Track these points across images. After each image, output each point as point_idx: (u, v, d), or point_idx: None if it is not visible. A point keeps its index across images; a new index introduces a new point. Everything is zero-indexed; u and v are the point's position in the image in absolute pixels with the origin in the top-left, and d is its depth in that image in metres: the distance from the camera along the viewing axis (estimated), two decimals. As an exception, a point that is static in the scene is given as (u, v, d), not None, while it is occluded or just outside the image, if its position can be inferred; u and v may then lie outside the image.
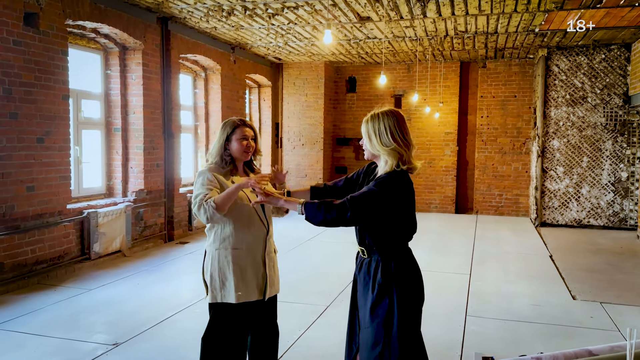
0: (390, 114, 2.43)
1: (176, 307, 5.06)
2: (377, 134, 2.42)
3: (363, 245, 2.54)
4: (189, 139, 9.56)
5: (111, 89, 7.50)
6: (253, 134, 2.99)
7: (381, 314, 2.40)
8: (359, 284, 2.57)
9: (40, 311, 4.87)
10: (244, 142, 2.94)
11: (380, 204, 2.34)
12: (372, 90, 12.45)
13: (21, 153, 5.57)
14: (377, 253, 2.47)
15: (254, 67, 11.19)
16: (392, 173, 2.40)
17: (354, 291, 2.65)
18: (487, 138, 11.59)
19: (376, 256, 2.48)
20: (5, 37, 5.33)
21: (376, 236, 2.46)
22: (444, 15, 7.53)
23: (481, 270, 6.65)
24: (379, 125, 2.42)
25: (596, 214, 10.04)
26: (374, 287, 2.44)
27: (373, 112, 2.47)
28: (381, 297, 2.42)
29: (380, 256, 2.46)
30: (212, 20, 8.04)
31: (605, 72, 9.86)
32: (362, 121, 2.51)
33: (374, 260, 2.48)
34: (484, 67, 11.53)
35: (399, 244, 2.49)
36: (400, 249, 2.50)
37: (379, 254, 2.47)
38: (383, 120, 2.42)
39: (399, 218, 2.44)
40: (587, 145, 10.03)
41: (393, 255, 2.47)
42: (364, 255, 2.54)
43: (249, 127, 2.98)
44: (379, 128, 2.42)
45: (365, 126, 2.48)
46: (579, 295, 5.63)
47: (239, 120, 2.98)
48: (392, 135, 2.40)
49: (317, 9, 7.30)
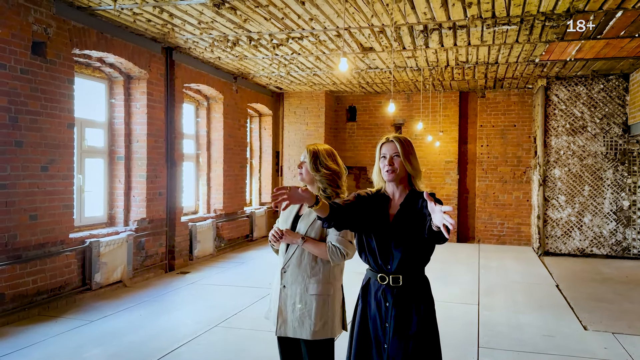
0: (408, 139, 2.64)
1: (181, 339, 4.94)
2: (414, 156, 2.61)
3: (400, 272, 2.50)
4: (190, 168, 9.54)
5: (115, 117, 7.49)
6: (305, 157, 3.05)
7: (428, 344, 2.48)
8: (387, 316, 2.50)
9: (41, 343, 4.74)
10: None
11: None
12: (372, 119, 12.52)
13: (25, 181, 5.51)
14: (414, 278, 2.52)
15: (256, 97, 11.25)
16: (419, 193, 2.56)
17: (373, 326, 2.56)
18: (487, 167, 11.62)
19: (414, 280, 2.52)
20: (13, 65, 5.33)
21: (420, 260, 2.53)
22: (446, 46, 7.62)
23: (489, 300, 6.56)
24: (412, 148, 2.61)
25: (599, 242, 10.00)
26: (418, 314, 2.47)
27: (401, 135, 2.60)
28: (425, 327, 2.47)
29: (420, 282, 2.54)
30: (217, 51, 8.10)
31: (604, 101, 9.96)
32: (394, 140, 2.58)
33: (411, 286, 2.51)
34: (483, 97, 11.64)
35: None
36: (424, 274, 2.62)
37: (418, 279, 2.54)
38: (410, 144, 2.61)
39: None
40: (588, 174, 10.06)
41: (426, 280, 2.58)
42: (397, 283, 2.51)
43: (307, 151, 3.07)
44: (412, 150, 2.61)
45: (401, 147, 2.57)
46: (590, 325, 5.55)
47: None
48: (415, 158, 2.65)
49: (321, 40, 7.38)
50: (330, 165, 2.95)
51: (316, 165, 2.93)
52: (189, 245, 8.66)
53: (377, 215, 2.59)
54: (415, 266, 2.52)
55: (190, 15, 6.33)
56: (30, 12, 5.49)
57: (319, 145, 3.01)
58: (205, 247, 9.07)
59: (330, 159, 2.96)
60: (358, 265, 2.93)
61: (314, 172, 2.94)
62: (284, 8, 6.03)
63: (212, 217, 9.64)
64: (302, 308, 2.81)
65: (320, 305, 2.81)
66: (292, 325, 2.83)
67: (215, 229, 9.49)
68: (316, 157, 2.94)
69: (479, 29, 6.74)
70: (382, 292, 2.54)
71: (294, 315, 2.83)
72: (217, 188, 9.94)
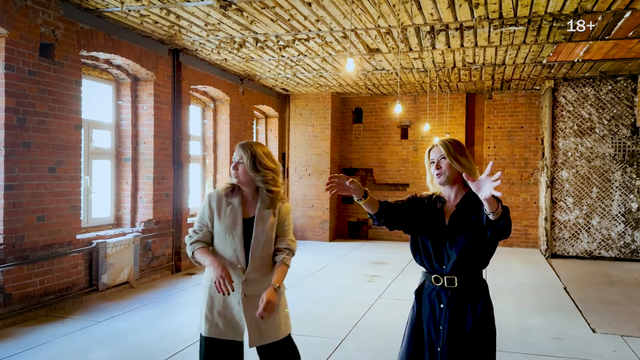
0: (458, 140, 2.63)
1: (187, 340, 4.94)
2: (462, 154, 2.53)
3: (455, 274, 2.48)
4: (197, 169, 9.56)
5: (122, 119, 7.52)
6: (240, 156, 2.85)
7: (482, 349, 2.45)
8: (441, 318, 2.48)
9: (48, 344, 4.75)
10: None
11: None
12: (378, 121, 12.50)
13: (33, 182, 5.53)
14: (471, 281, 2.50)
15: (262, 98, 11.27)
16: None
17: (427, 328, 2.54)
18: (494, 168, 11.54)
19: (470, 282, 2.49)
20: (21, 67, 5.36)
21: (477, 262, 2.50)
22: (453, 47, 7.60)
23: (496, 303, 6.47)
24: (462, 148, 2.56)
25: (607, 245, 9.93)
26: (474, 316, 2.44)
27: (447, 138, 2.60)
28: (480, 331, 2.44)
29: (476, 284, 2.51)
30: (223, 52, 8.12)
31: (612, 103, 9.89)
32: (438, 144, 2.56)
33: (467, 288, 2.49)
34: (489, 98, 11.60)
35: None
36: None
37: (474, 281, 2.51)
38: (461, 144, 2.59)
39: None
40: (596, 175, 9.99)
41: (483, 282, 2.56)
42: (452, 284, 2.49)
43: (239, 148, 2.89)
44: (462, 150, 2.55)
45: (446, 148, 2.54)
46: (598, 328, 5.50)
47: (254, 141, 3.03)
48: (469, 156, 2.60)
49: (327, 41, 7.37)
50: (269, 165, 2.84)
51: (256, 166, 2.80)
52: (195, 246, 8.65)
53: (432, 217, 2.58)
54: (471, 268, 2.48)
55: (196, 17, 6.34)
56: (38, 14, 5.52)
57: (254, 144, 2.87)
58: (211, 248, 9.06)
59: (267, 158, 2.84)
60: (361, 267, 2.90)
61: (254, 173, 2.81)
62: (291, 9, 6.03)
63: (219, 219, 9.63)
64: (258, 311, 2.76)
65: (281, 301, 2.88)
66: (269, 332, 2.82)
67: (221, 230, 9.48)
68: (254, 158, 2.80)
69: (486, 29, 6.71)
70: (436, 293, 2.52)
71: (267, 322, 2.80)
72: (223, 189, 9.92)
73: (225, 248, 2.83)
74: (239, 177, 2.85)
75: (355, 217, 12.71)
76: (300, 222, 12.23)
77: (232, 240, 2.81)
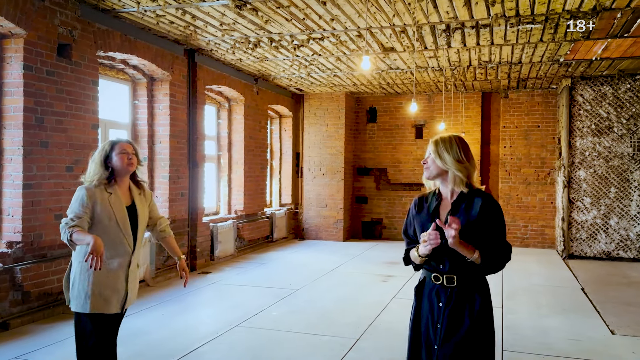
0: (457, 137, 2.57)
1: (202, 338, 4.96)
2: (448, 152, 2.50)
3: (454, 272, 2.46)
4: (212, 169, 9.60)
5: (138, 119, 7.58)
6: (132, 149, 3.17)
7: (479, 349, 2.44)
8: (439, 316, 2.47)
9: (65, 341, 4.80)
10: (124, 156, 3.11)
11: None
12: (392, 120, 12.45)
13: (50, 181, 5.60)
14: (470, 280, 2.48)
15: (276, 98, 11.29)
16: (479, 192, 2.50)
17: (425, 326, 2.54)
18: (510, 168, 11.46)
19: (470, 281, 2.47)
20: (39, 67, 5.43)
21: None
22: (469, 45, 7.54)
23: (513, 304, 6.46)
24: (450, 145, 2.52)
25: (625, 246, 9.78)
26: (471, 316, 2.43)
27: (443, 135, 2.60)
28: (477, 331, 2.43)
29: (476, 283, 2.49)
30: (238, 52, 8.15)
31: (631, 102, 9.74)
32: (430, 142, 2.58)
33: (466, 287, 2.47)
34: (505, 97, 11.49)
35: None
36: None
37: (474, 280, 2.49)
38: (454, 141, 2.53)
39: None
40: (614, 175, 9.84)
41: (484, 282, 2.54)
42: (451, 283, 2.47)
43: (127, 143, 3.17)
44: (450, 147, 2.51)
45: (434, 146, 2.54)
46: (617, 329, 5.42)
47: (116, 139, 3.23)
48: (461, 154, 2.53)
49: (342, 40, 7.36)
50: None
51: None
52: (210, 245, 8.72)
53: (430, 214, 2.56)
54: (471, 268, 2.43)
55: (212, 16, 6.37)
56: (56, 15, 5.59)
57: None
58: (226, 247, 9.12)
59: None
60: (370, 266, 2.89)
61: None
62: (305, 9, 6.03)
63: (233, 218, 9.69)
64: (135, 280, 3.26)
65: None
66: (131, 297, 3.22)
67: (236, 229, 9.54)
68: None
69: (502, 27, 6.65)
70: (435, 292, 2.50)
71: (135, 289, 3.26)
72: (237, 189, 9.98)
73: (109, 232, 3.06)
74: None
75: (369, 217, 12.67)
76: (314, 222, 12.23)
77: (117, 224, 3.08)
